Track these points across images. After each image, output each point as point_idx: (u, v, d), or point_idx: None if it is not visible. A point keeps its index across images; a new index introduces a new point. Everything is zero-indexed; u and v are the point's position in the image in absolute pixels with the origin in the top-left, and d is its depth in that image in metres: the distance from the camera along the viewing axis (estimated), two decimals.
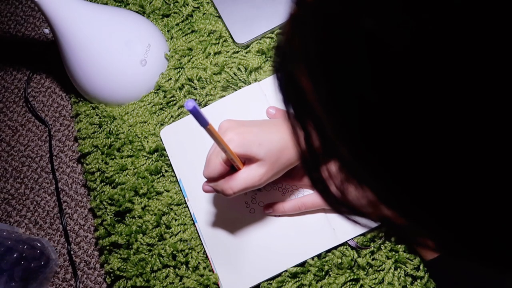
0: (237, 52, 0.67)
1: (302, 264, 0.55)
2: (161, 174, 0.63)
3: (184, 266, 0.57)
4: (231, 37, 0.67)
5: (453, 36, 0.14)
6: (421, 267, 0.53)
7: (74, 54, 0.62)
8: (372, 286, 0.53)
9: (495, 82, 0.14)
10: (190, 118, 0.64)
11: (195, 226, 0.59)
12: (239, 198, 0.58)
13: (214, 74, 0.66)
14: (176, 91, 0.66)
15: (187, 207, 0.60)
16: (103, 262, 0.61)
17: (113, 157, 0.64)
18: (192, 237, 0.59)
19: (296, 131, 0.22)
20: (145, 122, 0.66)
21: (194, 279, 0.56)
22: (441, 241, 0.20)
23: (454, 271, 0.48)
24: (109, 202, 0.62)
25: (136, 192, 0.61)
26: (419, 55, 0.15)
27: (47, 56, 0.77)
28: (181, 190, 0.61)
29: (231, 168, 0.49)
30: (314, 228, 0.56)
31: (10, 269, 0.60)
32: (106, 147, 0.65)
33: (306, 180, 0.56)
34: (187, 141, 0.63)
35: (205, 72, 0.66)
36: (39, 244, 0.64)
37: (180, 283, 0.57)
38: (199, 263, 0.57)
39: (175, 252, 0.58)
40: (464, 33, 0.14)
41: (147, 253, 0.59)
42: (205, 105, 0.65)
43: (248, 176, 0.47)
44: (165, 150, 0.63)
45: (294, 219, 0.57)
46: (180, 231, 0.59)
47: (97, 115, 0.68)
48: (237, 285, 0.55)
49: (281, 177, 0.56)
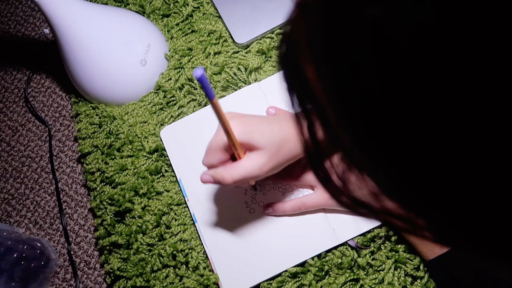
0: (237, 52, 0.67)
1: (302, 264, 0.55)
2: (161, 174, 0.63)
3: (184, 266, 0.57)
4: (231, 37, 0.67)
5: (457, 29, 0.14)
6: (421, 267, 0.53)
7: (74, 54, 0.62)
8: (372, 286, 0.53)
9: (495, 76, 0.14)
10: (190, 118, 0.64)
11: (195, 226, 0.59)
12: (239, 198, 0.58)
13: (214, 74, 0.66)
14: (176, 91, 0.66)
15: (187, 207, 0.60)
16: (103, 262, 0.61)
17: (113, 157, 0.64)
18: (192, 237, 0.59)
19: (299, 120, 0.22)
20: (145, 122, 0.66)
21: (194, 279, 0.56)
22: (439, 231, 0.20)
23: (454, 271, 0.48)
24: (109, 202, 0.62)
25: (136, 192, 0.61)
26: (422, 47, 0.15)
27: (47, 56, 0.77)
28: (181, 190, 0.61)
29: (231, 158, 0.49)
30: (314, 228, 0.56)
31: (10, 269, 0.60)
32: (106, 147, 0.65)
33: (306, 179, 0.56)
34: (187, 141, 0.63)
35: (205, 72, 0.66)
36: (39, 244, 0.64)
37: (180, 283, 0.57)
38: (199, 263, 0.57)
39: (175, 252, 0.58)
40: (468, 28, 0.14)
41: (147, 253, 0.59)
42: (205, 105, 0.65)
43: (249, 165, 0.47)
44: (165, 150, 0.63)
45: (294, 219, 0.57)
46: (180, 231, 0.59)
47: (97, 115, 0.68)
48: (237, 285, 0.55)
49: (280, 177, 0.56)
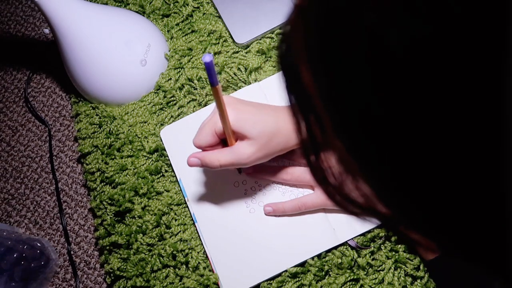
0: (237, 52, 0.67)
1: (302, 264, 0.55)
2: (161, 174, 0.63)
3: (184, 266, 0.57)
4: (231, 37, 0.67)
5: (449, 47, 0.14)
6: (421, 267, 0.53)
7: (74, 54, 0.62)
8: (372, 286, 0.53)
9: (488, 87, 0.14)
10: (190, 118, 0.64)
11: (195, 226, 0.59)
12: (239, 198, 0.58)
13: None
14: (176, 91, 0.66)
15: (187, 207, 0.60)
16: (103, 262, 0.61)
17: (113, 157, 0.64)
18: (192, 237, 0.59)
19: (297, 119, 0.22)
20: (145, 122, 0.66)
21: (194, 279, 0.56)
22: (430, 238, 0.20)
23: (454, 271, 0.48)
24: (109, 202, 0.62)
25: (136, 192, 0.61)
26: (415, 58, 0.15)
27: (47, 56, 0.77)
28: (181, 190, 0.61)
29: (221, 142, 0.50)
30: (314, 228, 0.56)
31: (10, 269, 0.60)
32: (106, 147, 0.65)
33: (306, 179, 0.56)
34: (187, 141, 0.63)
35: (205, 72, 0.66)
36: (39, 244, 0.64)
37: (180, 283, 0.57)
38: (199, 263, 0.57)
39: (175, 252, 0.58)
40: (462, 42, 0.14)
41: (147, 253, 0.59)
42: (205, 105, 0.65)
43: (237, 152, 0.49)
44: (165, 150, 0.63)
45: (294, 219, 0.57)
46: (180, 231, 0.59)
47: (97, 115, 0.68)
48: (237, 285, 0.55)
49: (280, 177, 0.56)
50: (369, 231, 0.55)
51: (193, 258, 0.57)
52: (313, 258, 0.55)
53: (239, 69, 0.65)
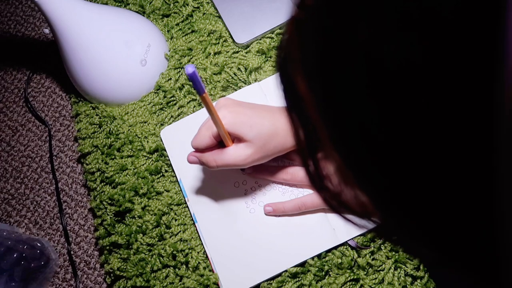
0: (237, 52, 0.67)
1: (302, 264, 0.55)
2: (161, 174, 0.63)
3: (184, 266, 0.57)
4: (231, 37, 0.67)
5: (444, 59, 0.14)
6: (421, 267, 0.53)
7: (74, 54, 0.62)
8: (372, 286, 0.53)
9: (484, 103, 0.14)
10: (190, 118, 0.64)
11: (195, 226, 0.59)
12: (239, 198, 0.58)
13: (214, 74, 0.66)
14: (176, 91, 0.66)
15: (187, 207, 0.60)
16: (103, 262, 0.61)
17: (113, 157, 0.64)
18: (192, 237, 0.59)
19: (295, 127, 0.22)
20: (145, 122, 0.66)
21: (194, 279, 0.56)
22: (428, 251, 0.20)
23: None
24: (109, 202, 0.62)
25: (136, 192, 0.61)
26: (412, 73, 0.14)
27: (47, 56, 0.77)
28: (181, 190, 0.61)
29: (219, 143, 0.51)
30: (314, 228, 0.56)
31: (10, 269, 0.60)
32: (106, 147, 0.65)
33: (306, 179, 0.56)
34: (187, 141, 0.63)
35: (205, 72, 0.66)
36: (39, 244, 0.64)
37: (180, 283, 0.57)
38: (199, 263, 0.57)
39: (175, 252, 0.58)
40: (457, 59, 0.14)
41: (147, 253, 0.59)
42: None
43: (234, 154, 0.49)
44: (165, 150, 0.63)
45: (294, 219, 0.57)
46: (180, 231, 0.59)
47: (97, 115, 0.68)
48: (237, 285, 0.55)
49: (280, 177, 0.56)
50: (369, 231, 0.55)
51: (193, 258, 0.57)
52: (313, 258, 0.55)
53: (239, 69, 0.65)
